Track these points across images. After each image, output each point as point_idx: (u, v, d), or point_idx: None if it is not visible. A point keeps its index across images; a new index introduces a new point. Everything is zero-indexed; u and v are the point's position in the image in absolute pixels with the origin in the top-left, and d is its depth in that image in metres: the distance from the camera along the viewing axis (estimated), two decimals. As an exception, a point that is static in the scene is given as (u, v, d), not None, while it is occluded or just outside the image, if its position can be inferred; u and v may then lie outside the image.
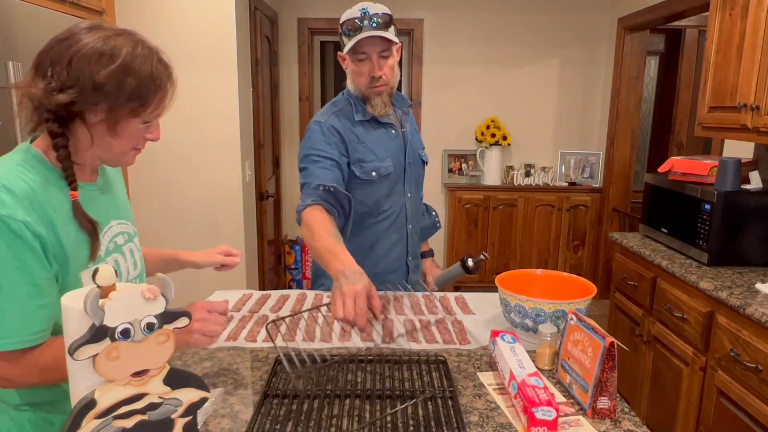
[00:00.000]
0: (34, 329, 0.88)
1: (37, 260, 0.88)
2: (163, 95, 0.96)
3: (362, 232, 1.65)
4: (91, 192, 1.02)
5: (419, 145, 1.78)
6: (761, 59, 2.01)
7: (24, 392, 0.96)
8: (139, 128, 0.96)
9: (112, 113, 0.91)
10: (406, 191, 1.70)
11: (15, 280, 0.86)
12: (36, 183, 0.90)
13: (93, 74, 0.87)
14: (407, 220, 1.71)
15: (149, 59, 0.93)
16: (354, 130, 1.60)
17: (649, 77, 5.06)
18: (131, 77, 0.90)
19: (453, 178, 4.54)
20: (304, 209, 1.45)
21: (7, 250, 0.85)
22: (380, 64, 1.53)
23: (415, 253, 1.78)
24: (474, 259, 1.62)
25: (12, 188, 0.87)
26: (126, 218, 1.13)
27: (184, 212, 2.97)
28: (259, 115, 3.43)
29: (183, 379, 0.79)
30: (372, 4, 1.52)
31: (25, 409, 0.97)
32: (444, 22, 4.37)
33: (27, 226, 0.86)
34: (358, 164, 1.59)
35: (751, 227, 2.12)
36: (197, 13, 2.81)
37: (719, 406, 1.87)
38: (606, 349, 0.99)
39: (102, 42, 0.90)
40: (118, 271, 1.05)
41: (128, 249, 1.10)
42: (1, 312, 0.86)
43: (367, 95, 1.59)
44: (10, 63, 1.68)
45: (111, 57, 0.89)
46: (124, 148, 0.97)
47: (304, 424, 0.95)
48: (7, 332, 0.86)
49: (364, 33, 1.48)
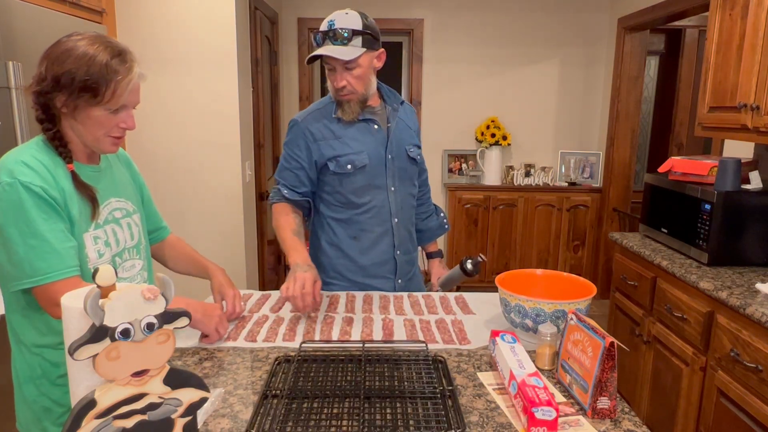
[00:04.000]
0: (70, 263, 1.08)
1: (57, 214, 1.09)
2: (115, 87, 1.09)
3: (346, 223, 1.71)
4: (91, 173, 1.19)
5: (408, 141, 1.76)
6: (761, 59, 2.01)
7: (38, 335, 1.14)
8: (102, 115, 1.11)
9: (69, 102, 1.08)
10: (389, 185, 1.72)
11: (44, 228, 1.06)
12: (46, 162, 1.10)
13: (54, 70, 1.07)
14: (392, 214, 1.72)
15: (101, 56, 1.08)
16: (330, 126, 1.67)
17: (649, 77, 5.06)
18: (81, 71, 1.06)
19: (453, 178, 4.54)
20: (273, 205, 1.71)
21: (33, 207, 1.05)
22: (342, 76, 1.58)
23: (405, 248, 1.78)
24: (472, 261, 1.68)
25: (28, 163, 1.07)
26: (126, 197, 1.29)
27: (184, 212, 2.97)
28: (259, 115, 3.43)
29: (183, 379, 0.79)
30: (342, 17, 1.54)
31: (36, 352, 1.15)
32: (444, 22, 4.37)
33: (45, 191, 1.06)
34: (334, 160, 1.66)
35: (751, 227, 2.12)
36: (197, 13, 2.81)
37: (719, 406, 1.87)
38: (606, 349, 0.99)
39: (69, 43, 1.09)
40: (115, 238, 1.22)
41: (125, 222, 1.27)
42: (40, 253, 1.05)
43: (337, 100, 1.65)
44: (10, 63, 1.68)
45: (69, 55, 1.07)
46: (95, 134, 1.13)
47: (304, 424, 0.95)
48: (47, 268, 1.05)
49: (321, 49, 1.54)
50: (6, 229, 1.05)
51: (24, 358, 1.16)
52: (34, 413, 1.16)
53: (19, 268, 1.05)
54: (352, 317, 1.48)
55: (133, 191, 1.34)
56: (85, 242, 1.14)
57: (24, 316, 1.14)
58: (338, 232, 1.72)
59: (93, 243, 1.16)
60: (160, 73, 2.81)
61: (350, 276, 1.73)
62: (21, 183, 1.04)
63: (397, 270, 1.77)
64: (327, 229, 1.73)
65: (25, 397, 1.16)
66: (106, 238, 1.19)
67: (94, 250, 1.16)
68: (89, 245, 1.15)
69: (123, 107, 1.12)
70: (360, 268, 1.73)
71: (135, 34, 2.74)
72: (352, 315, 1.49)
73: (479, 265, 1.68)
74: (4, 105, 1.69)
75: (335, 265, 1.73)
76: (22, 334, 1.15)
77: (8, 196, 1.04)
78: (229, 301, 1.43)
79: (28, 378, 1.15)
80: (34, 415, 1.16)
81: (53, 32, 0.99)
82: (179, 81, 2.85)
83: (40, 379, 1.15)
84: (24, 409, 1.17)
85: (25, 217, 1.04)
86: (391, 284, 1.76)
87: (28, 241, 1.05)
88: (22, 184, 1.04)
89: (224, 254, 3.00)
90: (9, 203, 1.04)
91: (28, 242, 1.05)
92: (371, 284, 1.73)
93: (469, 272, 1.69)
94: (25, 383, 1.16)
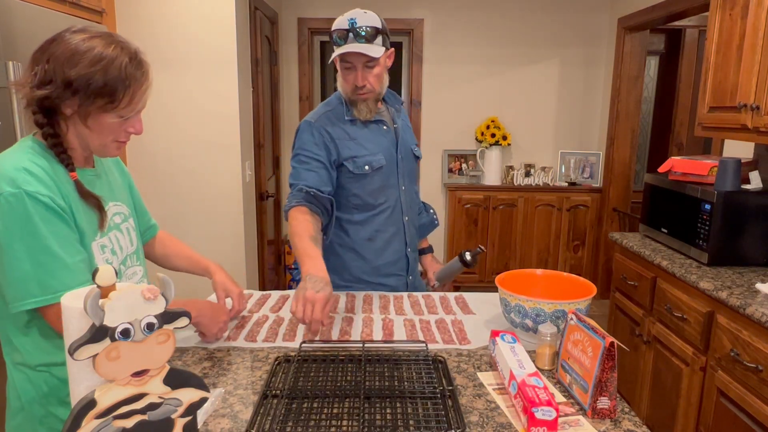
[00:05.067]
0: (82, 279, 1.01)
1: (67, 225, 1.01)
2: (133, 93, 1.03)
3: (361, 225, 1.70)
4: (89, 176, 1.13)
5: (411, 140, 1.82)
6: (761, 59, 2.01)
7: (43, 354, 1.06)
8: (115, 122, 1.05)
9: (82, 107, 1.00)
10: (400, 184, 1.74)
11: (54, 242, 0.98)
12: (46, 167, 1.01)
13: (65, 72, 0.97)
14: (403, 213, 1.75)
15: (120, 59, 1.00)
16: (345, 128, 1.65)
17: (649, 77, 5.05)
18: (99, 75, 0.98)
19: (453, 178, 4.54)
20: (290, 210, 1.55)
21: (42, 220, 0.97)
22: (364, 75, 1.57)
23: (413, 245, 1.81)
24: (471, 252, 1.69)
25: (31, 170, 0.99)
26: (121, 201, 1.24)
27: (184, 212, 2.97)
28: (259, 115, 3.43)
29: (183, 379, 0.79)
30: (362, 14, 1.54)
31: (42, 370, 1.06)
32: (444, 22, 4.37)
33: (52, 200, 0.99)
34: (351, 160, 1.64)
35: (751, 227, 2.12)
36: (197, 13, 2.81)
37: (719, 406, 1.87)
38: (606, 349, 0.99)
39: (79, 43, 0.99)
40: (119, 245, 1.17)
41: (125, 227, 1.22)
42: (50, 270, 0.98)
43: (352, 100, 1.64)
44: (10, 63, 1.68)
45: (82, 56, 0.98)
46: (103, 140, 1.07)
47: (304, 424, 0.95)
48: (58, 285, 0.98)
49: (348, 46, 1.52)
50: (11, 244, 0.96)
51: (27, 377, 1.07)
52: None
53: (23, 285, 0.97)
54: (352, 317, 1.48)
55: (125, 193, 1.29)
56: (93, 252, 1.08)
57: (25, 335, 1.05)
58: (352, 234, 1.70)
59: (101, 252, 1.11)
60: (160, 73, 2.80)
61: (365, 277, 1.73)
62: (27, 193, 0.96)
63: (409, 267, 1.79)
64: (339, 233, 1.71)
65: (29, 418, 1.07)
66: (112, 245, 1.15)
67: (102, 259, 1.10)
68: (97, 254, 1.10)
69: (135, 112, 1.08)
70: (374, 269, 1.73)
71: (135, 34, 2.74)
72: (352, 315, 1.49)
73: (478, 256, 1.69)
74: (4, 105, 1.69)
75: (350, 267, 1.72)
76: (25, 354, 1.06)
77: (13, 208, 0.95)
78: (235, 299, 1.43)
79: (32, 398, 1.07)
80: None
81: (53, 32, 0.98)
82: (179, 81, 2.85)
83: (47, 397, 1.07)
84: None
85: (32, 231, 0.96)
86: (404, 281, 1.78)
87: (37, 257, 0.97)
88: (28, 195, 0.96)
89: (224, 254, 3.00)
90: (14, 216, 0.95)
91: (36, 258, 0.97)
92: (386, 283, 1.74)
93: (469, 263, 1.70)
94: (29, 403, 1.07)
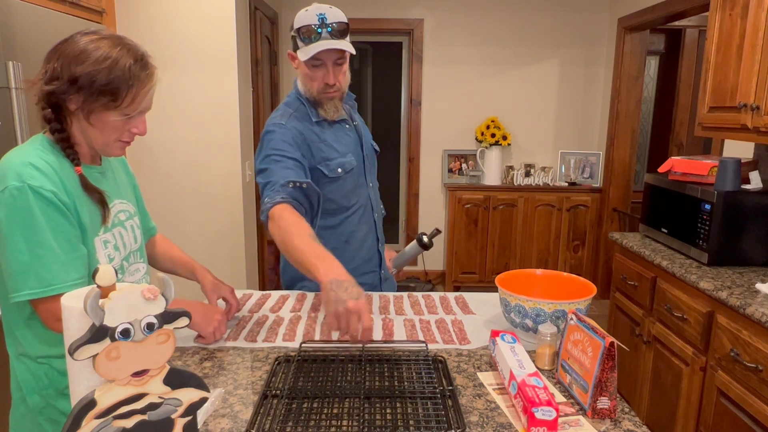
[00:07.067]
0: (75, 276, 1.04)
1: (68, 221, 1.04)
2: (136, 93, 1.06)
3: (335, 228, 1.66)
4: (95, 174, 1.16)
5: (369, 136, 1.81)
6: (761, 59, 2.01)
7: (43, 345, 1.09)
8: (118, 121, 1.07)
9: (86, 104, 1.04)
10: (368, 182, 1.74)
11: (52, 236, 1.01)
12: (53, 162, 1.05)
13: (71, 69, 1.01)
14: (373, 210, 1.75)
15: (124, 60, 1.04)
16: (313, 129, 1.60)
17: (649, 77, 5.05)
18: (103, 73, 1.02)
19: (453, 178, 4.54)
20: (273, 207, 1.39)
21: (43, 214, 1.01)
22: (335, 72, 1.53)
23: (383, 239, 1.82)
24: (428, 235, 1.71)
25: (37, 165, 1.02)
26: (126, 199, 1.27)
27: (184, 212, 2.97)
28: (259, 115, 3.43)
29: (183, 379, 0.79)
30: (329, 10, 1.49)
31: (43, 362, 1.10)
32: (444, 22, 4.37)
33: (55, 195, 1.02)
34: (324, 163, 1.58)
35: (751, 227, 2.12)
36: (197, 13, 2.81)
37: (719, 406, 1.87)
38: (606, 349, 0.99)
39: (88, 43, 1.03)
40: (122, 242, 1.20)
41: (129, 225, 1.25)
42: (46, 264, 1.01)
43: (318, 99, 1.58)
44: (10, 63, 1.68)
45: (89, 55, 1.02)
46: (106, 139, 1.09)
47: (304, 424, 0.95)
48: (53, 279, 1.01)
49: (323, 43, 1.46)
50: (12, 235, 1.00)
51: (28, 368, 1.11)
52: (38, 426, 1.11)
53: (22, 277, 1.00)
54: (352, 317, 1.48)
55: (130, 192, 1.33)
56: (95, 247, 1.10)
57: (27, 327, 1.09)
58: (327, 239, 1.57)
59: (103, 247, 1.13)
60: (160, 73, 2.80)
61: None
62: (30, 187, 0.99)
63: (381, 262, 1.79)
64: None
65: (30, 409, 1.11)
66: (115, 241, 1.17)
67: (104, 254, 1.12)
68: (100, 250, 1.11)
69: (138, 112, 1.10)
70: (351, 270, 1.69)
71: (135, 34, 2.74)
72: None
73: (434, 237, 1.72)
74: (4, 105, 1.69)
75: None
76: (27, 345, 1.10)
77: (16, 201, 0.99)
78: (228, 297, 1.42)
79: (32, 389, 1.10)
80: (38, 429, 1.11)
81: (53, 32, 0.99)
82: (179, 81, 2.85)
83: (47, 389, 1.10)
84: (25, 423, 1.12)
85: (33, 224, 1.00)
86: (377, 277, 1.77)
87: (35, 249, 1.00)
88: (32, 189, 0.99)
89: (224, 254, 3.00)
90: (17, 209, 0.99)
91: (34, 251, 1.00)
92: (362, 281, 1.72)
93: (426, 245, 1.71)
94: (30, 394, 1.10)
